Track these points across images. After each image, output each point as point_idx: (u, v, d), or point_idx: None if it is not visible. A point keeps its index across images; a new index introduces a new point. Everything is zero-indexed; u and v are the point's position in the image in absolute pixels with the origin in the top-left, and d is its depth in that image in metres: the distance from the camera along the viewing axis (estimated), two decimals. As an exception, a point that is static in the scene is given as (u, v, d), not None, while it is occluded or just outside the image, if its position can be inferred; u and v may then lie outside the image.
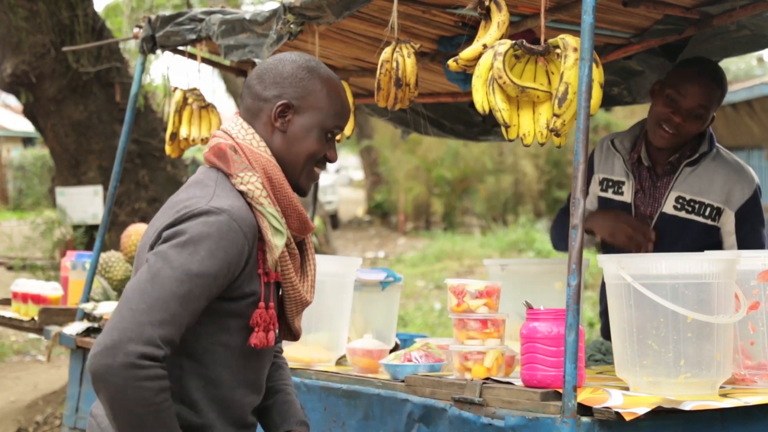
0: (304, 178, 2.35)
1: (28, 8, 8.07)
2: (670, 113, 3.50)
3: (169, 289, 2.08)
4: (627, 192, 3.64)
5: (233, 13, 4.05)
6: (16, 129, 30.20)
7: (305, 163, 2.33)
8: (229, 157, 2.27)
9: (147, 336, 2.03)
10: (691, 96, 3.48)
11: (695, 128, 3.53)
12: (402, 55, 3.31)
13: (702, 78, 3.50)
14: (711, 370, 2.54)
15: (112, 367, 2.01)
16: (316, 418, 3.16)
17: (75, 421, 4.70)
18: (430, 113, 5.14)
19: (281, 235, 2.24)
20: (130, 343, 2.02)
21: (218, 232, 2.14)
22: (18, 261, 12.04)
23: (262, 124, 2.32)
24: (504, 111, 2.71)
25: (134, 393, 2.01)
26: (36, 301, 5.14)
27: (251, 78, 2.37)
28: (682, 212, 3.54)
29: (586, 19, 2.43)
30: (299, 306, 2.38)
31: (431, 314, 11.67)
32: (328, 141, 2.36)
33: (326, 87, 2.35)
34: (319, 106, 2.33)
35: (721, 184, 3.52)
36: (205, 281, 2.11)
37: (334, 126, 2.35)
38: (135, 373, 2.01)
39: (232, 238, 2.16)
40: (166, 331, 2.05)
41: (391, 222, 24.32)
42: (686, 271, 2.52)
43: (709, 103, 3.51)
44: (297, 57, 2.38)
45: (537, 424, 2.40)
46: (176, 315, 2.07)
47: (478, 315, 2.74)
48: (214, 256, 2.12)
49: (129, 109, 4.73)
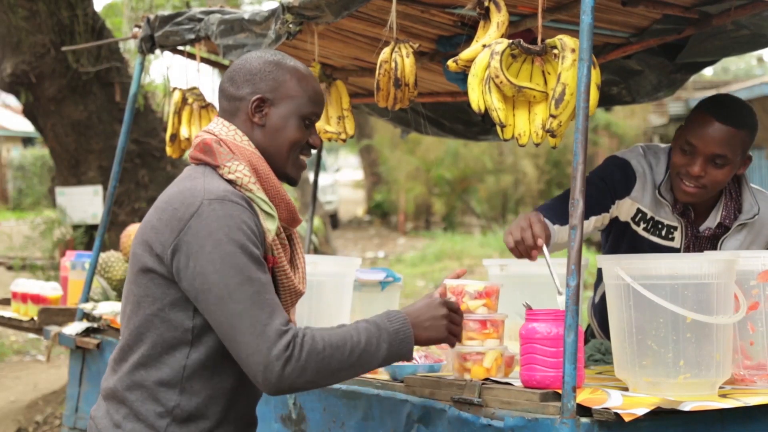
0: (290, 167, 2.42)
1: (28, 8, 8.07)
2: (686, 165, 3.17)
3: (249, 292, 2.17)
4: (677, 239, 3.33)
5: (232, 12, 4.05)
6: (16, 129, 30.20)
7: (289, 151, 2.40)
8: (214, 150, 2.34)
9: (273, 335, 2.16)
10: (704, 143, 3.12)
11: (721, 177, 3.16)
12: (401, 55, 3.30)
13: (717, 122, 3.11)
14: (710, 370, 2.54)
15: (281, 379, 2.16)
16: (315, 419, 3.16)
17: (75, 421, 4.70)
18: (430, 113, 5.14)
19: (273, 219, 2.32)
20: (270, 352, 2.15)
21: (232, 218, 2.21)
22: (18, 261, 12.05)
23: (242, 121, 2.39)
24: (500, 110, 2.71)
25: (315, 371, 2.19)
26: (35, 301, 5.14)
27: (223, 81, 2.44)
28: None
29: (584, 20, 2.43)
30: (293, 296, 2.42)
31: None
32: (308, 127, 2.43)
33: (295, 76, 2.42)
34: (291, 94, 2.40)
35: (766, 234, 3.30)
36: (258, 261, 2.21)
37: (310, 112, 2.42)
38: (294, 365, 2.16)
39: (246, 217, 2.24)
40: (279, 318, 2.18)
41: (390, 222, 24.33)
42: (686, 272, 2.51)
43: (730, 149, 3.12)
44: (262, 53, 2.45)
45: (536, 425, 2.40)
46: (270, 301, 2.19)
47: (477, 315, 2.74)
48: (247, 239, 2.21)
49: (128, 109, 4.73)
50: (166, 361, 2.27)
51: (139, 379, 2.28)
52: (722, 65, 25.50)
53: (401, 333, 2.31)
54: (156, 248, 2.25)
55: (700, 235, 3.33)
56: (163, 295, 2.26)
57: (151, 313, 2.27)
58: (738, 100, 3.29)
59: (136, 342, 2.29)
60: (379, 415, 2.96)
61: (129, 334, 2.31)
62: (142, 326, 2.28)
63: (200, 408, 2.29)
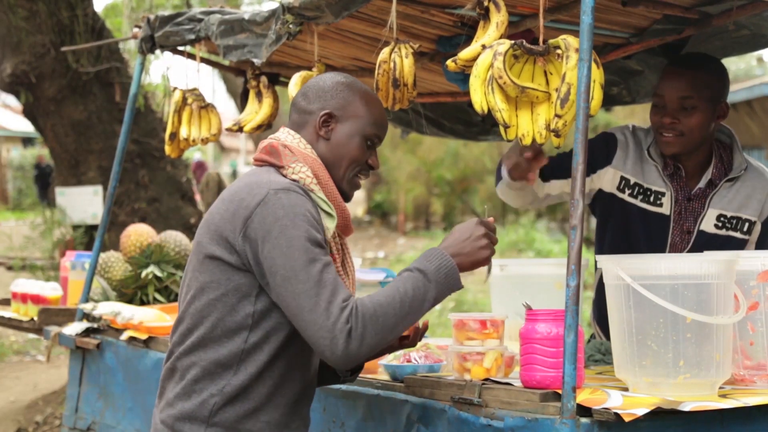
0: (346, 184, 2.57)
1: (27, 8, 8.07)
2: (660, 118, 3.34)
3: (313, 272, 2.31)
4: (667, 204, 3.42)
5: (232, 13, 4.05)
6: (15, 129, 30.21)
7: (347, 167, 2.56)
8: (280, 152, 2.50)
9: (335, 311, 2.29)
10: (669, 91, 3.31)
11: (694, 122, 3.29)
12: (400, 56, 3.30)
13: (678, 69, 3.33)
14: (710, 370, 2.54)
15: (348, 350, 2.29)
16: (315, 419, 3.16)
17: (75, 421, 4.70)
18: (430, 113, 5.14)
19: (332, 218, 2.47)
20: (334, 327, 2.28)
21: (296, 207, 2.36)
22: (17, 261, 12.04)
23: (309, 133, 2.57)
24: (504, 111, 2.71)
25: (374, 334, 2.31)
26: (35, 301, 5.14)
27: (296, 96, 2.63)
28: (722, 230, 3.39)
29: (585, 20, 2.43)
30: None
31: (431, 314, 11.64)
32: (369, 148, 2.58)
33: (364, 98, 2.59)
34: (358, 114, 2.56)
35: (759, 198, 3.39)
36: (320, 244, 2.35)
37: (373, 134, 2.58)
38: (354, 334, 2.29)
39: (309, 206, 2.39)
40: (340, 295, 2.31)
41: (390, 222, 24.33)
42: (685, 272, 2.51)
43: (695, 91, 3.28)
44: (335, 75, 2.63)
45: (536, 425, 2.40)
46: (332, 280, 2.32)
47: (478, 315, 2.74)
48: (311, 225, 2.36)
49: (128, 109, 4.73)
50: (224, 344, 2.41)
51: (196, 359, 2.43)
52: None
53: (443, 268, 2.41)
54: (226, 236, 2.40)
55: (691, 196, 3.41)
56: (227, 281, 2.41)
57: (214, 298, 2.42)
58: (701, 53, 3.51)
59: (197, 325, 2.44)
60: (379, 416, 2.96)
61: (190, 318, 2.45)
62: (205, 310, 2.43)
63: (248, 388, 2.41)
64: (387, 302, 2.34)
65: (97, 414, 4.56)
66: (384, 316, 2.33)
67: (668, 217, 3.42)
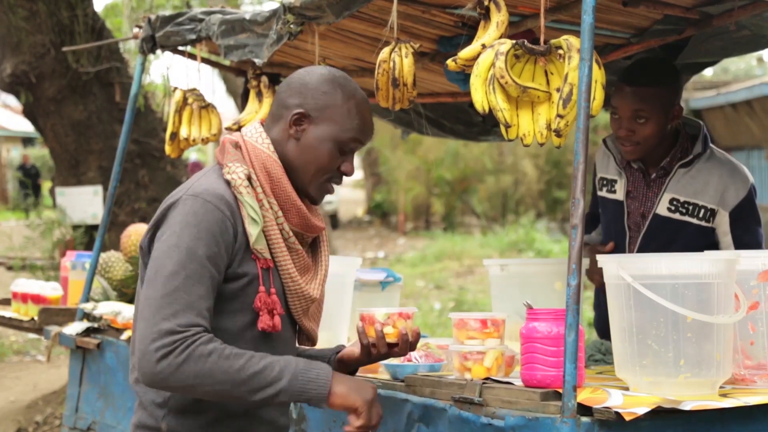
0: (314, 189, 2.43)
1: (27, 8, 8.07)
2: (617, 129, 3.50)
3: (170, 284, 2.19)
4: (619, 190, 3.64)
5: (233, 13, 4.05)
6: (16, 129, 30.22)
7: (314, 174, 2.41)
8: (225, 150, 2.39)
9: (165, 330, 2.16)
10: (621, 106, 3.45)
11: (649, 131, 3.44)
12: (399, 55, 3.30)
13: (626, 84, 3.43)
14: (711, 370, 2.54)
15: (155, 372, 2.17)
16: (315, 418, 3.16)
17: (75, 421, 4.70)
18: (430, 113, 5.14)
19: (256, 224, 2.31)
20: (153, 344, 2.16)
21: (198, 216, 2.25)
22: (18, 261, 12.04)
23: (280, 129, 2.42)
24: (505, 111, 2.71)
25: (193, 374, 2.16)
26: (36, 301, 5.14)
27: (281, 84, 2.49)
28: (676, 214, 3.51)
29: (585, 19, 2.43)
30: (302, 300, 2.43)
31: (431, 314, 11.67)
32: (344, 154, 2.43)
33: (348, 103, 2.42)
34: (336, 120, 2.40)
35: (715, 186, 3.48)
36: (197, 264, 2.21)
37: (349, 140, 2.41)
38: (166, 363, 2.15)
39: (211, 217, 2.25)
40: (182, 319, 2.17)
41: (390, 222, 24.33)
42: (686, 271, 2.51)
43: (645, 104, 3.42)
44: (325, 71, 2.45)
45: (537, 424, 2.40)
46: (184, 300, 2.19)
47: (478, 315, 2.75)
48: (197, 238, 2.23)
49: (129, 109, 4.73)
50: None
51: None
52: (722, 65, 25.49)
53: (313, 372, 2.26)
54: (144, 240, 2.35)
55: (650, 183, 3.58)
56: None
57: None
58: (652, 63, 3.59)
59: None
60: (380, 415, 2.96)
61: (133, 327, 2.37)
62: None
63: (194, 401, 2.31)
64: (229, 356, 2.18)
65: (97, 414, 4.56)
66: (214, 366, 2.17)
67: (622, 202, 3.63)
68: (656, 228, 3.53)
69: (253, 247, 2.31)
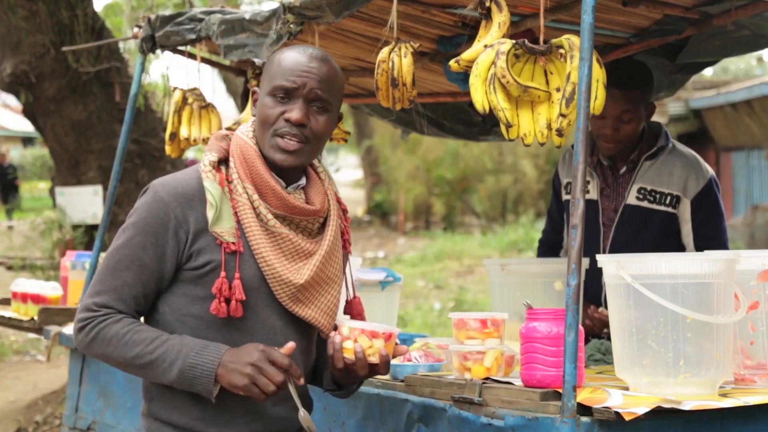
0: (267, 149, 2.37)
1: (27, 8, 8.07)
2: (600, 128, 3.65)
3: (104, 265, 2.36)
4: (593, 190, 3.77)
5: (233, 13, 4.05)
6: (16, 129, 30.22)
7: (263, 133, 2.38)
8: (209, 142, 2.44)
9: (84, 305, 2.34)
10: (610, 108, 3.53)
11: (632, 129, 3.65)
12: (399, 55, 3.30)
13: (616, 87, 3.48)
14: (711, 370, 2.54)
15: (77, 341, 2.36)
16: (316, 418, 3.16)
17: (75, 420, 4.70)
18: (430, 113, 5.14)
19: (213, 208, 2.32)
20: (77, 314, 2.35)
21: (142, 205, 2.35)
22: (18, 261, 12.04)
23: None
24: (506, 110, 2.71)
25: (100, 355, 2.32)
26: (36, 300, 5.14)
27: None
28: (644, 202, 3.69)
29: (585, 19, 2.44)
30: (283, 286, 2.36)
31: (431, 314, 11.67)
32: (281, 103, 2.36)
33: (277, 56, 2.41)
34: (267, 76, 2.40)
35: (678, 174, 3.67)
36: (131, 251, 2.32)
37: (278, 86, 2.35)
38: (80, 337, 2.34)
39: (152, 208, 2.33)
40: (100, 299, 2.32)
41: (390, 222, 24.31)
42: (686, 271, 2.52)
43: (631, 105, 3.60)
44: (290, 49, 2.44)
45: (536, 424, 2.40)
46: (108, 283, 2.32)
47: (478, 315, 2.74)
48: (136, 225, 2.34)
49: (129, 109, 4.73)
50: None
51: None
52: (722, 65, 25.51)
53: (198, 369, 2.26)
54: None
55: (619, 177, 3.75)
56: None
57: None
58: (633, 65, 3.72)
59: None
60: (380, 415, 2.96)
61: None
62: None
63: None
64: (127, 344, 2.28)
65: (97, 414, 4.56)
66: (114, 351, 2.29)
67: (596, 201, 3.76)
68: (627, 218, 3.71)
69: (212, 230, 2.32)
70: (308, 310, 2.41)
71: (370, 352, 2.38)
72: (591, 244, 3.69)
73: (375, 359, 2.38)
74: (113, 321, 2.30)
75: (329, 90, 2.39)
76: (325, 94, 2.38)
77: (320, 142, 2.41)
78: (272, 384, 2.25)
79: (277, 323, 2.39)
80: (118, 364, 2.32)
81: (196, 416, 2.35)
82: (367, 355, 2.37)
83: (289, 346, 2.30)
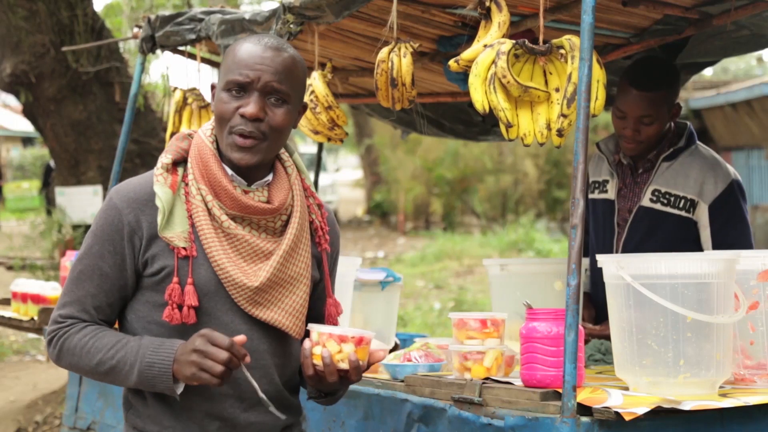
0: (225, 146, 2.29)
1: (27, 8, 8.07)
2: (621, 128, 3.59)
3: (69, 276, 2.35)
4: (611, 190, 3.72)
5: (233, 13, 4.05)
6: (15, 129, 30.22)
7: (219, 130, 2.29)
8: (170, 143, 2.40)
9: (52, 318, 2.33)
10: (630, 110, 3.53)
11: (654, 130, 3.56)
12: (398, 55, 3.30)
13: (636, 89, 3.50)
14: (710, 370, 2.54)
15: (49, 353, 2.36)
16: (315, 418, 3.17)
17: (74, 420, 4.70)
18: (430, 113, 5.14)
19: (162, 213, 2.27)
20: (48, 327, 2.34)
21: (99, 213, 2.33)
22: (18, 261, 12.05)
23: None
24: (507, 110, 2.71)
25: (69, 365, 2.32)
26: (35, 300, 5.14)
27: None
28: (657, 204, 3.60)
29: (585, 19, 2.44)
30: (238, 289, 2.28)
31: (431, 314, 11.67)
32: (236, 98, 2.27)
33: (232, 48, 2.32)
34: (223, 70, 2.31)
35: (695, 177, 3.56)
36: (91, 260, 2.30)
37: (231, 80, 2.26)
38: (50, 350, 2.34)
39: (107, 215, 2.30)
40: (65, 311, 2.31)
41: (390, 222, 24.31)
42: (686, 271, 2.52)
43: (653, 109, 3.52)
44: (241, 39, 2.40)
45: (536, 424, 2.40)
46: (73, 294, 2.31)
47: (478, 315, 2.74)
48: (94, 234, 2.32)
49: (128, 109, 4.73)
50: None
51: None
52: (722, 65, 25.50)
53: (156, 367, 2.22)
54: None
55: (637, 178, 3.68)
56: None
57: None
58: (655, 64, 3.64)
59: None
60: (380, 415, 2.96)
61: None
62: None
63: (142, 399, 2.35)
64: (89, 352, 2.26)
65: (97, 414, 4.56)
66: (79, 360, 2.28)
67: (613, 201, 3.72)
68: (639, 219, 3.63)
69: (161, 235, 2.26)
70: (269, 312, 2.31)
71: (339, 358, 2.24)
72: (605, 244, 3.68)
73: (344, 365, 2.24)
74: (75, 330, 2.29)
75: (287, 80, 2.28)
76: (281, 86, 2.27)
77: (280, 136, 2.30)
78: (218, 364, 2.14)
79: (241, 327, 2.29)
80: (86, 372, 2.30)
81: (168, 424, 2.31)
82: (336, 360, 2.23)
83: (238, 338, 2.19)
